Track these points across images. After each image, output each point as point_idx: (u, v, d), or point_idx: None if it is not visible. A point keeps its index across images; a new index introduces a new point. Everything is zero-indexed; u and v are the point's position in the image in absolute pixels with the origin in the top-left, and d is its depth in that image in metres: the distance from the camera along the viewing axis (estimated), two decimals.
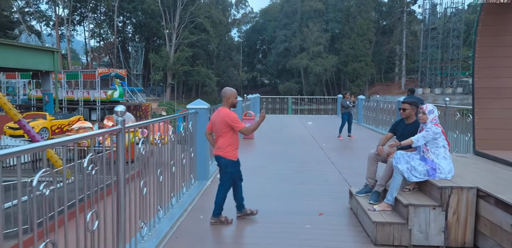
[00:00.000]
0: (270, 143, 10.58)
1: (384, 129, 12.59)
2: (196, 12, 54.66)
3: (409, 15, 62.04)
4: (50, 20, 54.36)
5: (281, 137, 11.80)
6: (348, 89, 56.52)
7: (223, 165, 4.11)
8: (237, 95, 4.22)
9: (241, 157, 5.79)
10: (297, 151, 9.13)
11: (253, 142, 10.75)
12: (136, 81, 56.93)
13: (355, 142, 10.78)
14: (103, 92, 24.11)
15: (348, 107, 11.46)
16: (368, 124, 14.73)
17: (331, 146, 10.11)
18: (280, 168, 7.29)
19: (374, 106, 13.91)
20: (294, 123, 16.35)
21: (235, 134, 4.06)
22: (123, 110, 2.99)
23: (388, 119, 12.27)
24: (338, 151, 9.28)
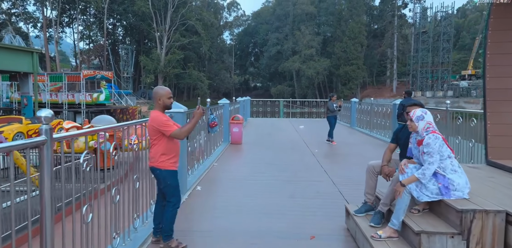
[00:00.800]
0: (259, 148, 9.86)
1: (378, 133, 11.97)
2: (188, 14, 53.84)
3: (400, 19, 62.07)
4: (37, 22, 52.98)
5: (271, 141, 11.08)
6: (340, 92, 56.25)
7: (161, 177, 3.38)
8: (171, 95, 3.47)
9: (227, 164, 5.09)
10: (288, 158, 8.41)
11: (241, 147, 10.02)
12: (127, 84, 55.83)
13: (350, 147, 10.11)
14: (89, 95, 23.15)
15: (334, 111, 10.78)
16: (361, 127, 14.11)
17: (324, 151, 9.43)
18: (268, 178, 6.56)
19: (368, 109, 13.29)
20: (285, 127, 15.66)
21: (171, 140, 3.34)
22: (49, 116, 2.23)
23: (383, 123, 11.64)
24: (331, 158, 8.59)
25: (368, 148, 9.91)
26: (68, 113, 22.87)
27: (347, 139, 11.86)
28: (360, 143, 10.95)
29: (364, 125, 13.82)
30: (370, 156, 8.72)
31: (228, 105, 10.50)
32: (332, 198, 5.22)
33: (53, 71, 41.38)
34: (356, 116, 14.98)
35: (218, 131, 8.13)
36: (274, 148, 9.88)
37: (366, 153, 9.14)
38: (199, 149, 7.07)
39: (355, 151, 9.49)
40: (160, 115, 3.30)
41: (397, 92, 58.25)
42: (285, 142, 11.04)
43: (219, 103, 10.24)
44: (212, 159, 7.84)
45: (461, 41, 66.79)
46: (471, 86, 52.49)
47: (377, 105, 12.38)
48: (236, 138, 10.35)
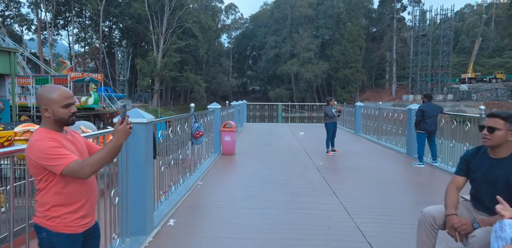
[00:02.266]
0: (254, 160, 8.44)
1: (389, 141, 10.57)
2: (185, 17, 52.47)
3: (398, 22, 60.93)
4: (32, 24, 51.50)
5: (268, 151, 9.67)
6: (339, 95, 54.88)
7: (44, 244, 1.88)
8: (70, 100, 1.93)
9: (214, 183, 3.86)
10: (288, 174, 7.00)
11: (234, 159, 8.60)
12: (122, 88, 54.34)
13: (358, 159, 8.70)
14: (77, 98, 21.66)
15: (334, 117, 9.34)
16: (368, 134, 12.72)
17: (329, 164, 8.02)
18: (264, 203, 5.14)
19: (375, 114, 11.91)
20: (284, 133, 14.25)
21: (69, 181, 1.85)
22: None
23: (394, 130, 10.24)
24: (339, 173, 7.18)
25: (379, 160, 8.50)
26: None
27: (353, 147, 10.46)
28: (369, 153, 9.54)
29: (371, 131, 12.44)
30: (385, 170, 7.33)
31: (219, 110, 9.09)
32: (349, 239, 3.81)
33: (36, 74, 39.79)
34: (361, 121, 13.59)
35: (204, 141, 6.73)
36: (271, 159, 8.47)
37: (379, 166, 7.74)
38: (179, 166, 5.65)
39: (366, 163, 8.08)
40: (44, 140, 1.80)
41: (396, 96, 57.05)
42: (284, 151, 9.63)
43: (208, 108, 8.84)
44: (196, 177, 6.43)
45: (460, 44, 65.73)
46: (471, 89, 51.29)
47: (386, 110, 10.99)
48: (228, 148, 8.94)
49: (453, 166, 7.04)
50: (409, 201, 5.28)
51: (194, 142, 6.39)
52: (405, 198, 5.52)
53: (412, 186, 6.25)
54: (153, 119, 3.88)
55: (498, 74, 53.07)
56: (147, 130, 3.71)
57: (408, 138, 8.93)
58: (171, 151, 5.26)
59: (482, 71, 56.73)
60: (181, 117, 6.22)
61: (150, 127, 3.86)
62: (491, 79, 53.16)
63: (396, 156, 8.97)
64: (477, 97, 49.77)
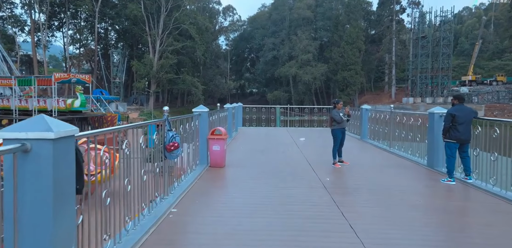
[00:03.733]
0: (248, 174, 6.96)
1: (403, 150, 9.08)
2: (181, 18, 51.04)
3: (398, 24, 59.70)
4: (25, 25, 49.94)
5: (265, 163, 8.18)
6: (338, 97, 53.39)
7: None
8: None
9: (192, 212, 3.68)
10: (288, 195, 5.51)
11: (223, 173, 7.11)
12: (117, 90, 52.81)
13: (370, 173, 7.23)
14: (62, 101, 20.15)
15: (342, 122, 7.81)
16: (377, 140, 11.24)
17: (339, 181, 6.55)
18: (260, 241, 3.66)
19: (385, 118, 10.44)
20: (283, 139, 12.77)
21: None
22: None
23: (410, 136, 8.76)
24: (352, 195, 5.68)
25: (397, 175, 7.02)
26: None
27: (361, 157, 8.98)
28: (382, 165, 8.07)
29: (380, 137, 10.96)
30: (407, 189, 5.80)
31: (206, 115, 7.59)
32: None
33: (19, 75, 38.14)
34: (368, 126, 12.13)
35: (180, 155, 5.24)
36: (268, 174, 6.98)
37: (399, 183, 6.25)
38: (144, 188, 4.16)
39: (382, 179, 6.61)
40: None
41: (396, 98, 55.70)
42: (284, 163, 8.13)
43: (194, 112, 7.35)
44: (171, 200, 4.93)
45: (459, 47, 64.57)
46: (472, 92, 50.00)
47: (400, 114, 9.52)
48: (216, 159, 7.45)
49: (494, 185, 5.58)
50: (450, 238, 3.82)
51: (167, 156, 4.90)
52: (442, 231, 4.05)
53: (449, 213, 4.77)
54: (73, 131, 2.39)
55: (499, 76, 51.85)
56: (58, 150, 2.21)
57: (429, 147, 7.46)
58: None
59: (482, 73, 55.53)
60: (143, 125, 4.77)
61: (68, 145, 2.36)
62: (491, 81, 51.94)
63: (415, 169, 7.49)
64: (478, 100, 48.47)
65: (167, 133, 4.90)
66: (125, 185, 3.60)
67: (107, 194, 3.24)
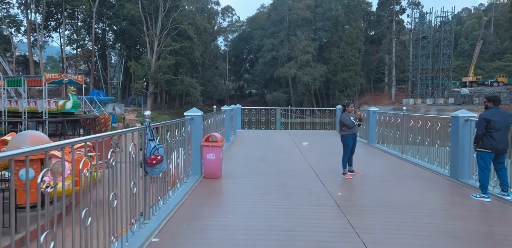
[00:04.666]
0: (247, 188, 6.03)
1: (419, 157, 8.16)
2: (179, 18, 50.03)
3: (397, 24, 58.91)
4: (21, 26, 48.89)
5: (266, 173, 7.25)
6: (337, 99, 52.48)
7: None
8: None
9: (180, 238, 2.84)
10: (295, 216, 4.59)
11: (218, 186, 6.18)
12: (115, 91, 51.82)
13: (385, 185, 6.31)
14: (54, 102, 19.18)
15: (353, 127, 6.83)
16: (385, 145, 10.32)
17: (352, 196, 5.63)
18: None
19: (397, 121, 9.52)
20: (284, 143, 11.86)
21: None
22: None
23: (427, 142, 7.85)
24: (369, 215, 4.74)
25: (417, 188, 6.09)
26: (29, 123, 18.89)
27: (372, 165, 8.06)
28: (397, 175, 7.15)
29: (390, 142, 10.04)
30: (433, 206, 4.73)
31: (200, 119, 6.65)
32: None
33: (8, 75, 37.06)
34: (375, 130, 11.22)
35: (164, 169, 4.31)
36: (270, 186, 6.05)
37: (421, 199, 5.33)
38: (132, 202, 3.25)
39: (400, 194, 5.68)
40: None
41: (396, 100, 54.89)
42: (287, 173, 7.20)
43: (185, 115, 6.42)
44: (154, 225, 4.00)
45: (459, 48, 63.81)
46: (473, 93, 49.17)
47: (415, 118, 8.59)
48: (211, 169, 6.52)
49: None
50: None
51: (148, 171, 3.97)
52: None
53: (497, 243, 3.85)
54: None
55: (500, 77, 51.04)
56: None
57: (453, 155, 6.55)
58: None
59: (483, 74, 54.75)
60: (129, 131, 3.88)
61: None
62: (492, 83, 51.13)
63: (437, 180, 6.57)
64: (479, 101, 47.62)
65: (148, 143, 3.98)
66: (111, 200, 3.07)
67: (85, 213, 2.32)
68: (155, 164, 3.91)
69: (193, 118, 6.47)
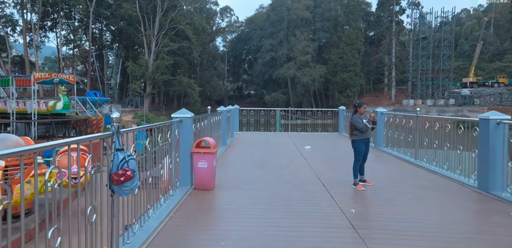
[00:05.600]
0: (244, 202, 5.13)
1: (436, 165, 7.27)
2: (177, 18, 49.13)
3: (397, 25, 58.13)
4: (17, 25, 47.87)
5: (266, 182, 6.36)
6: (336, 100, 51.57)
7: None
8: None
9: None
10: (302, 242, 3.68)
11: (211, 200, 5.27)
12: (112, 92, 50.87)
13: (408, 199, 5.42)
14: (44, 102, 18.25)
15: (366, 131, 5.91)
16: (395, 150, 9.43)
17: (368, 214, 4.74)
18: None
19: (410, 124, 8.64)
20: (285, 147, 10.96)
21: None
22: None
23: (446, 147, 6.97)
24: (396, 239, 3.83)
25: (442, 200, 5.20)
26: (18, 125, 17.95)
27: (386, 175, 7.16)
28: (416, 186, 6.25)
29: (400, 145, 9.16)
30: (468, 228, 3.90)
31: (191, 121, 5.73)
32: None
33: None
34: (384, 132, 10.33)
35: (137, 187, 3.39)
36: (271, 200, 5.15)
37: (455, 218, 4.44)
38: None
39: (427, 211, 4.79)
40: None
41: (396, 100, 54.09)
42: (289, 182, 6.30)
43: (173, 117, 5.52)
44: None
45: (459, 48, 63.07)
46: (473, 94, 48.36)
47: (431, 120, 7.70)
48: (203, 180, 5.61)
49: None
50: None
51: (114, 190, 3.06)
52: None
53: None
54: None
55: (500, 78, 50.28)
56: None
57: (481, 164, 5.65)
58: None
59: (483, 75, 54.01)
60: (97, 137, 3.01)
61: None
62: (493, 83, 50.37)
63: (463, 193, 5.68)
64: (480, 102, 46.86)
65: (115, 154, 3.07)
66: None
67: None
68: (124, 181, 3.00)
69: (181, 120, 5.56)
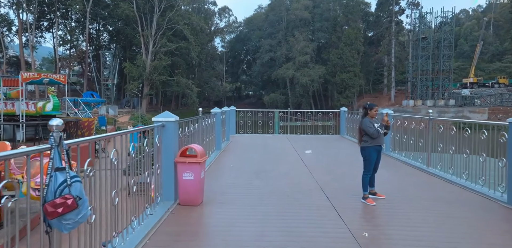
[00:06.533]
0: (235, 223, 4.32)
1: (453, 173, 6.47)
2: (175, 19, 48.32)
3: (396, 25, 57.42)
4: (12, 25, 46.97)
5: (262, 194, 5.54)
6: (336, 101, 50.82)
7: None
8: None
9: None
10: None
11: (197, 219, 4.45)
12: (108, 92, 50.02)
13: (428, 215, 4.61)
14: (32, 104, 17.41)
15: (378, 137, 5.04)
16: (404, 155, 8.62)
17: (385, 237, 3.92)
18: None
19: (421, 128, 7.83)
20: (284, 151, 10.15)
21: None
22: None
23: (465, 153, 6.16)
24: None
25: (469, 218, 4.40)
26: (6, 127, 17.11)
27: (398, 186, 6.35)
28: (435, 199, 5.43)
29: (409, 149, 8.34)
30: None
31: (175, 126, 4.90)
32: None
33: None
34: (390, 135, 9.52)
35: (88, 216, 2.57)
36: (267, 221, 4.33)
37: (486, 241, 3.62)
38: None
39: (454, 234, 3.99)
40: None
41: (396, 101, 53.37)
42: (289, 196, 5.47)
43: (154, 121, 4.69)
44: None
45: (459, 49, 62.41)
46: (473, 95, 47.64)
47: (447, 123, 6.89)
48: (188, 194, 4.79)
49: None
50: None
51: (51, 224, 2.24)
52: None
53: None
54: None
55: (501, 79, 49.59)
56: None
57: (511, 175, 4.85)
58: None
59: (483, 75, 53.35)
60: None
61: None
62: (493, 84, 49.67)
63: (490, 208, 4.87)
64: (481, 102, 46.16)
65: (53, 175, 2.24)
66: None
67: None
68: (63, 212, 2.17)
69: (164, 125, 4.73)
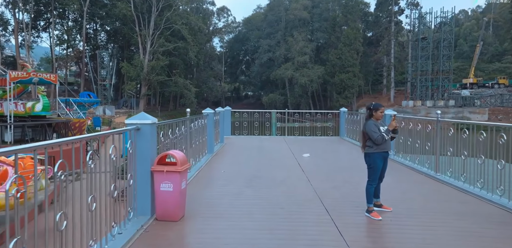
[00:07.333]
0: (220, 240, 3.66)
1: (465, 181, 5.82)
2: (173, 18, 47.62)
3: (396, 25, 56.87)
4: (8, 25, 46.27)
5: (252, 209, 4.90)
6: (335, 101, 50.16)
7: None
8: None
9: None
10: None
11: (175, 240, 3.79)
12: (105, 93, 49.31)
13: (442, 232, 3.96)
14: (21, 104, 16.76)
15: (383, 142, 4.37)
16: (408, 159, 7.98)
17: None
18: None
19: (428, 131, 7.19)
20: (280, 155, 9.50)
21: None
22: None
23: (479, 159, 5.52)
24: None
25: (492, 239, 3.75)
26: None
27: (401, 194, 5.71)
28: (448, 213, 4.79)
29: (414, 152, 7.70)
30: None
31: (152, 129, 4.24)
32: None
33: None
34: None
35: None
36: (258, 240, 3.68)
37: None
38: None
39: None
40: None
41: (395, 102, 52.78)
42: (284, 209, 4.82)
43: (126, 124, 4.05)
44: None
45: (458, 49, 61.89)
46: (473, 95, 47.09)
47: (454, 125, 6.25)
48: (166, 207, 4.13)
49: None
50: None
51: None
52: None
53: None
54: None
55: (501, 79, 49.05)
56: None
57: None
58: None
59: (482, 76, 52.82)
60: None
61: None
62: (493, 84, 49.14)
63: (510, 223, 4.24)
64: (481, 103, 45.61)
65: None
66: None
67: None
68: None
69: (139, 128, 4.08)
